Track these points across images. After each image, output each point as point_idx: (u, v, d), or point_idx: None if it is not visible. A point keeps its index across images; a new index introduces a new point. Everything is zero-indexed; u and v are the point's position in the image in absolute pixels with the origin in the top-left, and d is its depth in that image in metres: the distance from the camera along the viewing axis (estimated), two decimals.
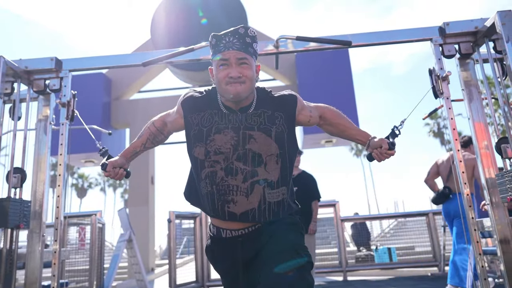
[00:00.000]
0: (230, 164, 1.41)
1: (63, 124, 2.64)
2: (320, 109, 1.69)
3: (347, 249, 10.74)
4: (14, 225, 2.46)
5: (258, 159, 1.42)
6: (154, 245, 11.84)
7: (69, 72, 2.72)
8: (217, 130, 1.46)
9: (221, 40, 1.46)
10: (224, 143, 1.43)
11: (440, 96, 2.53)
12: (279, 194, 1.44)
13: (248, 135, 1.44)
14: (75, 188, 50.83)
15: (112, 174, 1.59)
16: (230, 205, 1.40)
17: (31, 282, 2.62)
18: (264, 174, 1.42)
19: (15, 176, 2.59)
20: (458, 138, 2.50)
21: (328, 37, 2.51)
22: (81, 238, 6.30)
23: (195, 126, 1.50)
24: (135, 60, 2.65)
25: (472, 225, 2.37)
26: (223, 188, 1.40)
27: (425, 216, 7.29)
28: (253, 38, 1.50)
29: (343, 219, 7.28)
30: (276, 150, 1.45)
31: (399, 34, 2.65)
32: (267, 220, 1.42)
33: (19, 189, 2.60)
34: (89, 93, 10.09)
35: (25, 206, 2.58)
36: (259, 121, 1.48)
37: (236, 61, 1.44)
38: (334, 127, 1.68)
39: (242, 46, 1.45)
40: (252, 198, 1.40)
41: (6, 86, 2.67)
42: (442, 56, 2.59)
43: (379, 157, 1.55)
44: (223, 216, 1.42)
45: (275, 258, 1.34)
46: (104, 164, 1.61)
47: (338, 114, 1.70)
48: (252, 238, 1.43)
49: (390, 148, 1.55)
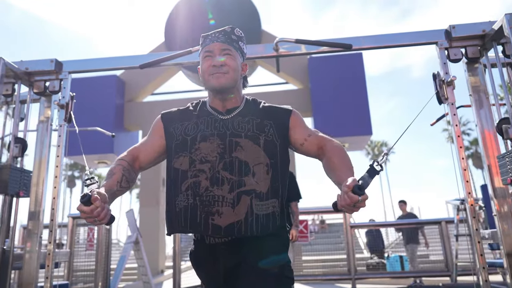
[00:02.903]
0: (216, 174, 1.33)
1: (61, 126, 2.63)
2: (323, 141, 1.45)
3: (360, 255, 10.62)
4: (13, 192, 2.48)
5: (245, 168, 1.34)
6: (164, 247, 11.88)
7: (69, 74, 2.71)
8: (202, 138, 1.39)
9: (207, 37, 1.50)
10: (210, 151, 1.36)
11: (445, 101, 2.43)
12: (269, 206, 1.35)
13: (234, 143, 1.38)
14: None
15: (100, 208, 1.11)
16: (214, 217, 1.31)
17: (28, 282, 2.63)
18: (252, 185, 1.34)
19: (16, 145, 2.61)
20: (463, 146, 2.40)
21: (328, 40, 2.45)
22: (90, 239, 6.34)
23: (178, 136, 1.44)
24: (133, 62, 2.64)
25: (476, 237, 2.26)
26: (207, 199, 1.32)
27: (438, 224, 7.10)
28: (239, 38, 1.52)
29: (352, 225, 7.15)
30: (265, 159, 1.37)
31: (403, 38, 2.57)
32: (255, 234, 1.33)
33: (20, 159, 2.64)
34: (103, 95, 10.23)
35: (25, 175, 2.61)
36: (246, 128, 1.41)
37: (220, 51, 1.45)
38: (327, 162, 1.40)
39: (226, 39, 1.48)
40: (238, 210, 1.31)
41: (7, 87, 2.69)
42: (448, 60, 2.50)
43: (339, 202, 1.12)
44: (206, 230, 1.32)
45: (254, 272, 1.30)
46: (87, 196, 1.09)
47: (339, 152, 1.40)
48: (235, 247, 1.38)
49: (354, 190, 1.08)
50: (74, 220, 6.08)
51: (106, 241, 5.87)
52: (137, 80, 11.42)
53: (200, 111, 1.50)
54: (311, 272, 7.42)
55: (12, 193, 2.49)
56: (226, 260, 1.38)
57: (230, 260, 1.37)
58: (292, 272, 1.38)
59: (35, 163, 2.81)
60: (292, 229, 3.74)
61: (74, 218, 6.10)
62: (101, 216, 1.11)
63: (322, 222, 16.79)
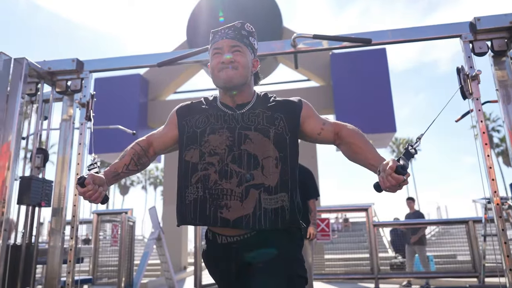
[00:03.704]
0: (225, 167, 1.33)
1: (82, 124, 2.69)
2: (338, 126, 1.49)
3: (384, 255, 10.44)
4: (35, 202, 2.55)
5: (254, 161, 1.33)
6: (187, 244, 12.02)
7: (90, 73, 2.76)
8: (211, 131, 1.39)
9: (217, 33, 1.48)
10: (219, 144, 1.36)
11: (469, 97, 2.34)
12: (278, 200, 1.33)
13: (244, 135, 1.36)
14: (118, 185, 52.85)
15: (91, 191, 1.27)
16: (223, 210, 1.30)
17: (52, 277, 2.70)
18: (261, 178, 1.32)
19: (38, 156, 2.69)
20: (488, 143, 2.30)
21: (346, 35, 2.40)
22: (114, 235, 6.47)
23: (189, 129, 1.45)
24: (151, 60, 2.66)
25: (502, 237, 2.17)
26: (216, 192, 1.32)
27: (465, 224, 6.88)
28: (250, 33, 1.48)
29: (375, 224, 7.03)
30: (274, 152, 1.35)
31: (425, 31, 2.49)
32: (263, 228, 1.32)
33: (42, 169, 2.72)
34: (127, 94, 10.41)
35: (47, 185, 2.68)
36: (256, 121, 1.40)
37: (229, 48, 1.43)
38: (348, 147, 1.44)
39: (236, 35, 1.45)
40: (246, 204, 1.30)
41: (31, 86, 2.77)
42: (473, 53, 2.40)
43: (383, 182, 1.19)
44: (215, 222, 1.33)
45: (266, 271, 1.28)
46: (82, 178, 1.26)
47: (356, 134, 1.45)
48: (247, 246, 1.37)
49: (397, 171, 1.14)
50: (98, 216, 6.22)
51: (129, 237, 5.98)
52: (160, 79, 11.57)
53: (211, 106, 1.50)
54: (333, 271, 7.33)
55: (34, 204, 2.57)
56: (238, 260, 1.37)
57: (242, 260, 1.36)
58: (306, 271, 1.35)
59: (58, 160, 2.88)
60: (310, 227, 3.70)
61: (99, 215, 6.24)
62: (93, 198, 1.28)
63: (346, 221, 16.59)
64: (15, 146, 2.42)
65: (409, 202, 8.18)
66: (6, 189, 2.37)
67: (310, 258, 3.68)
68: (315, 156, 10.61)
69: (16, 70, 2.51)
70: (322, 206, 10.76)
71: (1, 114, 2.44)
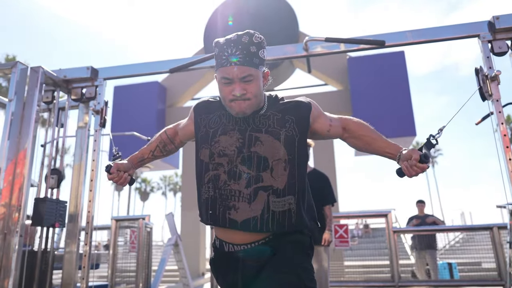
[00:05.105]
0: (234, 168, 1.34)
1: (97, 131, 2.71)
2: (344, 121, 1.53)
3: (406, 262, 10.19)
4: (49, 224, 2.58)
5: (263, 164, 1.33)
6: (205, 250, 12.03)
7: (104, 80, 2.80)
8: (223, 132, 1.40)
9: (223, 51, 1.36)
10: (229, 145, 1.37)
11: (489, 98, 2.26)
12: (285, 203, 1.33)
13: (254, 137, 1.36)
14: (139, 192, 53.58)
15: (116, 177, 1.53)
16: (231, 211, 1.31)
17: (67, 283, 2.72)
18: (270, 180, 1.32)
19: (52, 177, 2.72)
20: (509, 146, 2.21)
21: (359, 38, 2.35)
22: (132, 241, 6.52)
23: (203, 128, 1.46)
24: (164, 67, 2.68)
25: None
26: (225, 192, 1.33)
27: (489, 230, 6.65)
28: (259, 45, 1.37)
29: (395, 230, 6.86)
30: (284, 155, 1.35)
31: (441, 32, 2.42)
32: (271, 231, 1.32)
33: (56, 189, 2.73)
34: (145, 101, 10.56)
35: (61, 206, 2.70)
36: (267, 123, 1.39)
37: (240, 80, 1.34)
38: (359, 139, 1.50)
39: (245, 58, 1.33)
40: (254, 206, 1.30)
41: (47, 95, 2.82)
42: (492, 53, 2.32)
43: (408, 171, 1.33)
44: (224, 223, 1.34)
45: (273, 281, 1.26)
46: (109, 166, 1.54)
47: (364, 126, 1.51)
48: (253, 255, 1.34)
49: (421, 160, 1.30)
50: (117, 222, 6.28)
51: (147, 242, 6.02)
52: (177, 86, 11.70)
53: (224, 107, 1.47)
54: (352, 277, 7.20)
55: (47, 225, 2.60)
56: (244, 268, 1.35)
57: (249, 268, 1.35)
58: (314, 281, 1.32)
59: (75, 167, 2.92)
60: (325, 233, 3.61)
61: (117, 221, 6.31)
62: (119, 182, 1.53)
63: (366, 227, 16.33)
64: (30, 153, 2.46)
65: (419, 205, 7.86)
66: (22, 195, 2.41)
67: (325, 263, 3.60)
68: (332, 160, 10.49)
69: (33, 79, 2.56)
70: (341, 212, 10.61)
71: (18, 122, 2.49)
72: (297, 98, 1.51)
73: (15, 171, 2.43)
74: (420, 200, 7.89)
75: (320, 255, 3.53)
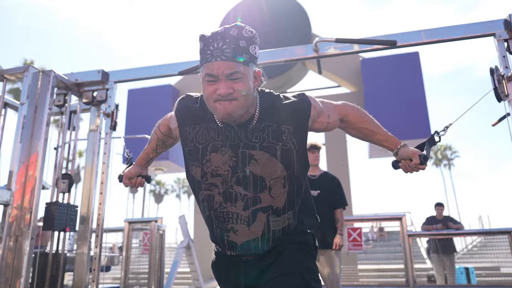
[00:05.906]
0: (229, 189, 1.25)
1: (107, 134, 2.73)
2: (342, 111, 1.43)
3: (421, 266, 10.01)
4: (60, 228, 2.59)
5: (260, 184, 1.24)
6: None
7: (115, 84, 2.81)
8: (213, 149, 1.27)
9: (209, 46, 1.19)
10: (221, 164, 1.26)
11: (505, 98, 2.20)
12: (284, 220, 1.29)
13: (248, 155, 1.24)
14: (153, 194, 54.03)
15: (130, 185, 1.59)
16: (229, 234, 1.27)
17: (78, 285, 2.74)
18: (269, 201, 1.25)
19: (63, 181, 2.74)
20: None
21: (370, 38, 2.31)
22: (145, 243, 6.56)
23: (190, 142, 1.32)
24: (173, 69, 2.68)
25: None
26: (221, 215, 1.26)
27: (508, 234, 6.48)
28: (250, 40, 1.21)
29: (410, 234, 6.74)
30: (282, 172, 1.25)
31: (455, 31, 2.36)
32: (271, 246, 1.30)
33: (67, 194, 2.75)
34: (158, 103, 10.65)
35: (72, 210, 2.71)
36: (261, 137, 1.26)
37: (226, 78, 1.17)
38: (358, 131, 1.46)
39: (232, 53, 1.16)
40: (254, 228, 1.25)
41: (59, 98, 2.85)
42: (508, 53, 2.26)
43: (406, 169, 1.37)
44: (223, 245, 1.31)
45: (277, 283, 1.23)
46: (120, 176, 1.63)
47: (362, 117, 1.45)
48: (256, 258, 1.32)
49: (421, 162, 1.33)
50: (130, 224, 6.32)
51: (159, 245, 6.04)
52: (190, 89, 11.74)
53: (209, 115, 1.30)
54: (366, 281, 7.10)
55: (58, 229, 2.61)
56: (247, 271, 1.33)
57: (251, 271, 1.32)
58: (319, 282, 1.29)
59: (86, 170, 2.94)
60: (336, 237, 3.55)
61: (130, 223, 6.35)
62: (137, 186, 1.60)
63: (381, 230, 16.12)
64: (42, 156, 2.49)
65: (438, 208, 7.67)
66: (34, 198, 2.43)
67: (337, 269, 3.53)
68: (346, 164, 10.39)
69: (44, 82, 2.59)
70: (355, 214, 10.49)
71: (30, 125, 2.52)
72: (295, 98, 1.35)
73: (27, 174, 2.46)
74: (439, 203, 7.71)
75: (331, 259, 3.48)
